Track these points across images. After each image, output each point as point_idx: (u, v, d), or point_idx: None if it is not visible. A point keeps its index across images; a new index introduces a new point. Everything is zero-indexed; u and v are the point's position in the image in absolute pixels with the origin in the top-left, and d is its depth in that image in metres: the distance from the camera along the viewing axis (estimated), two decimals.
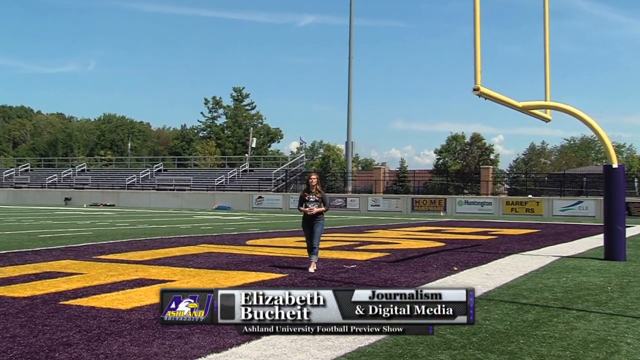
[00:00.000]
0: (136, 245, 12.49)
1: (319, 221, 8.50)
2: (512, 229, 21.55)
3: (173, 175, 51.75)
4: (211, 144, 70.83)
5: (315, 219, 8.47)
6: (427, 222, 25.85)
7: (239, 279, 7.93)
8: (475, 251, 12.56)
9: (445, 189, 43.60)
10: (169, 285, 7.22)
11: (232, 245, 13.05)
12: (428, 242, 14.61)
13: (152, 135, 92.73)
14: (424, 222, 26.47)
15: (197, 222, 22.92)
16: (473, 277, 8.50)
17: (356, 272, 8.81)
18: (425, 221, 27.11)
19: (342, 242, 14.22)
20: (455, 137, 64.02)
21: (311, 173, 8.66)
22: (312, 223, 8.49)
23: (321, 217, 8.54)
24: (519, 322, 5.53)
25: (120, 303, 6.10)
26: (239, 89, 79.36)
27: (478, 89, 8.93)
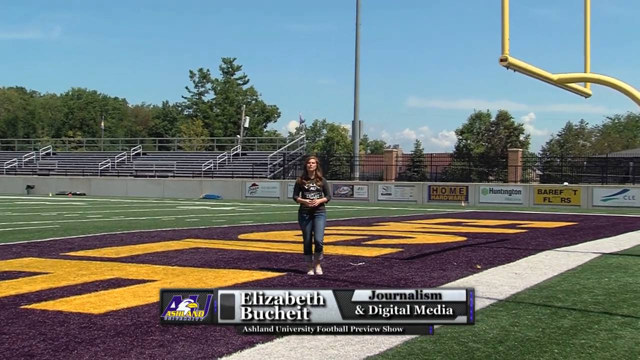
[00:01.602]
0: (111, 240, 12.50)
1: (321, 213, 8.19)
2: (544, 221, 21.54)
3: (153, 159, 51.78)
4: (197, 124, 70.83)
5: (317, 211, 8.15)
6: (446, 214, 25.84)
7: (230, 278, 7.93)
8: (502, 247, 12.55)
9: (467, 176, 43.56)
10: (149, 286, 7.23)
11: (221, 239, 13.05)
12: (447, 237, 14.60)
13: (128, 113, 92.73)
14: (443, 213, 26.45)
15: (181, 214, 22.95)
16: (499, 276, 8.50)
17: (364, 271, 8.80)
18: (444, 212, 27.09)
19: (348, 236, 14.22)
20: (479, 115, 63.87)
21: (309, 156, 8.28)
22: (313, 215, 8.14)
23: (323, 208, 8.21)
24: (553, 329, 5.52)
25: (93, 307, 6.10)
26: (229, 60, 79.23)
27: (506, 59, 8.86)
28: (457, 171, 46.84)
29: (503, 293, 7.18)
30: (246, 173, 45.54)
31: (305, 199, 8.08)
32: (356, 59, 44.26)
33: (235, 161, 49.13)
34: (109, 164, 50.77)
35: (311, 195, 8.08)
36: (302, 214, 8.22)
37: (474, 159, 49.67)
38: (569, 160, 49.43)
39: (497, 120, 61.76)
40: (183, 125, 72.23)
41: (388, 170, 44.23)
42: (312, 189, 8.08)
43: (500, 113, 62.29)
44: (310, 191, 8.09)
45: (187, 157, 52.84)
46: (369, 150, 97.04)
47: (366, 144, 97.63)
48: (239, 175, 45.32)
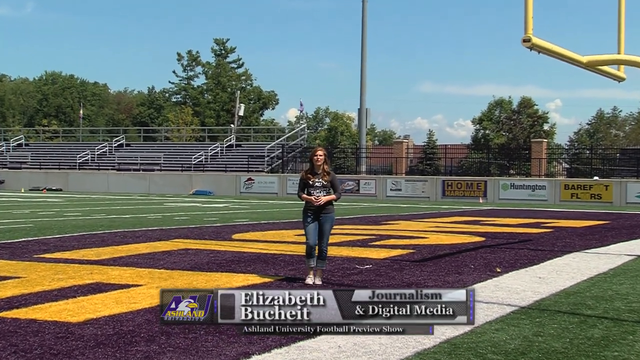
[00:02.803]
0: (91, 241, 12.51)
1: (329, 214, 7.95)
2: (572, 219, 21.53)
3: (138, 151, 51.80)
4: (187, 112, 70.83)
5: (324, 210, 7.90)
6: (462, 211, 25.83)
7: (223, 282, 7.94)
8: (525, 248, 12.55)
9: (485, 169, 43.52)
10: (133, 292, 7.24)
11: (214, 240, 13.07)
12: (463, 237, 14.61)
13: (110, 100, 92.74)
14: (458, 210, 26.44)
15: (169, 211, 22.97)
16: (521, 280, 8.50)
17: (371, 274, 8.81)
18: (460, 210, 27.08)
19: (354, 236, 14.23)
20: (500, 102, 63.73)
21: (316, 148, 8.11)
22: (319, 216, 7.90)
23: (331, 208, 7.98)
24: (581, 340, 5.52)
25: (70, 314, 6.11)
26: (221, 41, 79.14)
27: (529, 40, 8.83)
28: (475, 164, 46.79)
29: (526, 299, 7.18)
30: (241, 166, 45.55)
31: (311, 196, 7.88)
32: (362, 40, 44.18)
33: (229, 153, 49.12)
34: (88, 157, 50.81)
35: (317, 192, 7.87)
36: (306, 213, 7.97)
37: (493, 151, 49.60)
38: (599, 151, 49.35)
39: (520, 108, 61.62)
40: (171, 114, 72.29)
41: (398, 164, 44.22)
42: (318, 185, 7.88)
43: (522, 100, 62.15)
44: (316, 187, 7.88)
45: (175, 148, 52.85)
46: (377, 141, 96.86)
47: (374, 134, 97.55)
48: (233, 168, 45.33)
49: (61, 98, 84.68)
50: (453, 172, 44.30)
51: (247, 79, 79.64)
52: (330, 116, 79.62)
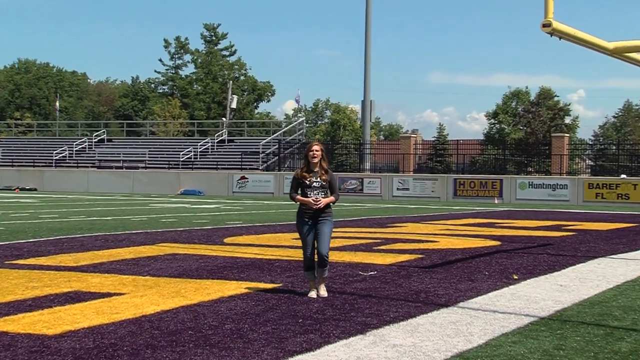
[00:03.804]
0: (69, 246, 12.50)
1: (326, 217, 7.71)
2: (596, 222, 21.53)
3: (121, 147, 51.81)
4: (174, 104, 70.88)
5: (322, 214, 7.67)
6: (475, 213, 25.82)
7: (214, 290, 7.93)
8: (544, 253, 12.55)
9: (501, 167, 43.54)
10: (116, 301, 7.23)
11: (204, 244, 13.08)
12: (477, 240, 14.61)
13: (90, 90, 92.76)
14: (472, 212, 26.43)
15: (155, 213, 22.96)
16: (541, 288, 8.49)
17: (377, 281, 8.80)
18: (473, 211, 27.08)
19: (357, 240, 14.24)
20: (516, 93, 63.77)
21: (312, 143, 7.87)
22: (317, 220, 7.65)
23: (329, 211, 7.74)
24: (608, 354, 5.51)
25: (46, 326, 6.09)
26: (212, 26, 79.13)
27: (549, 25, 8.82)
28: (489, 161, 46.80)
29: (545, 309, 7.17)
30: (234, 164, 45.54)
31: (307, 197, 7.63)
32: (367, 25, 44.16)
33: (221, 149, 49.11)
34: (66, 153, 50.80)
35: (314, 193, 7.61)
36: (302, 218, 7.73)
37: (509, 147, 49.61)
38: (627, 147, 49.37)
39: (539, 99, 61.65)
40: (156, 106, 72.28)
41: (405, 160, 44.22)
42: (315, 185, 7.62)
43: (542, 90, 62.18)
44: (312, 188, 7.62)
45: (161, 144, 52.84)
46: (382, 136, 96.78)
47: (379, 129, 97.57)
48: (225, 166, 45.31)
49: (35, 88, 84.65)
50: (465, 170, 44.27)
51: (240, 68, 79.68)
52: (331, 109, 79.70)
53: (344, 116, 71.61)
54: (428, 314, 6.80)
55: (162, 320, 6.33)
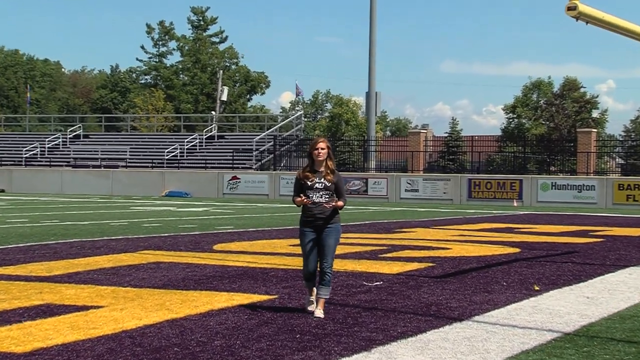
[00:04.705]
0: (41, 253, 12.47)
1: (333, 225, 7.43)
2: (627, 227, 21.53)
3: (99, 143, 51.79)
4: (158, 96, 70.90)
5: (329, 221, 7.40)
6: (492, 217, 25.80)
7: (203, 303, 7.91)
8: (569, 261, 12.54)
9: (520, 166, 43.52)
10: (93, 315, 7.21)
11: (191, 251, 13.07)
12: (494, 247, 14.60)
13: (64, 81, 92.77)
14: (488, 216, 26.41)
15: (137, 217, 22.95)
16: (565, 301, 8.48)
17: (382, 293, 8.79)
18: (489, 215, 27.05)
19: (361, 246, 14.25)
20: (538, 84, 63.75)
21: (317, 139, 7.62)
22: (322, 228, 7.36)
23: (336, 217, 7.47)
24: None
25: (15, 343, 6.07)
26: (200, 10, 79.24)
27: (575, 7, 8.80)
28: (508, 160, 46.76)
29: (570, 324, 7.15)
30: (224, 162, 45.53)
31: (312, 200, 7.35)
32: (371, 9, 44.14)
33: (210, 146, 49.10)
34: (37, 150, 50.80)
35: (316, 196, 7.36)
36: (303, 226, 7.48)
37: (530, 144, 49.60)
38: None
39: (563, 91, 61.63)
40: (138, 98, 72.27)
41: (414, 159, 44.21)
42: (317, 187, 7.37)
43: (566, 81, 62.16)
44: (314, 190, 7.36)
45: (144, 141, 52.82)
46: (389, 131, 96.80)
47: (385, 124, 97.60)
48: (215, 165, 45.30)
49: (3, 79, 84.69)
50: (481, 169, 44.26)
51: (231, 57, 79.70)
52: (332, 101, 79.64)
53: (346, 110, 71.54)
54: (439, 329, 6.78)
55: (144, 335, 6.30)
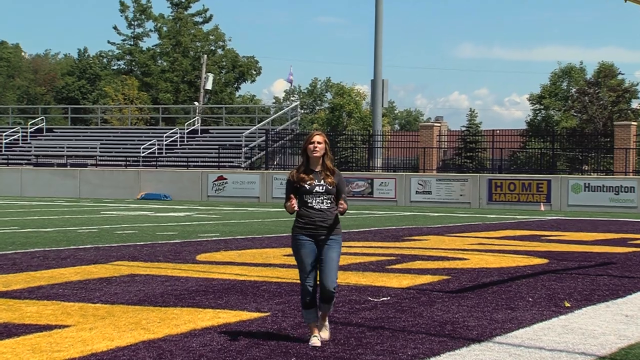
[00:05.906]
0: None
1: (335, 236, 7.20)
2: None
3: (64, 138, 51.77)
4: (132, 84, 70.90)
5: (332, 231, 7.18)
6: (515, 222, 25.79)
7: (184, 322, 7.90)
8: (605, 274, 12.52)
9: (548, 164, 43.55)
10: (58, 335, 7.19)
11: (171, 262, 13.07)
12: (517, 258, 14.59)
13: (24, 67, 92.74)
14: (511, 221, 26.40)
15: (108, 223, 22.94)
16: (600, 320, 8.47)
17: (390, 309, 8.79)
18: (513, 220, 27.04)
19: (366, 256, 14.25)
20: (568, 70, 63.85)
21: (313, 133, 7.45)
22: (321, 239, 7.13)
23: (337, 228, 7.25)
24: None
25: None
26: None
27: None
28: (534, 157, 46.80)
29: (606, 346, 7.15)
30: (209, 160, 45.54)
31: (307, 205, 7.20)
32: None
33: (193, 142, 49.11)
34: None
35: (317, 201, 7.17)
36: (299, 236, 7.21)
37: (559, 139, 49.60)
38: None
39: (597, 78, 61.66)
40: (110, 87, 72.28)
41: (427, 156, 44.21)
42: (318, 190, 7.19)
43: (601, 67, 62.20)
44: (314, 194, 7.19)
45: (116, 135, 52.83)
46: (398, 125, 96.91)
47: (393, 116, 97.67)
48: (198, 163, 45.32)
49: None
50: (503, 168, 44.26)
51: (217, 39, 79.70)
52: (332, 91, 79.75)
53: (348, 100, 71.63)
54: (455, 351, 6.78)
55: (117, 359, 6.29)
